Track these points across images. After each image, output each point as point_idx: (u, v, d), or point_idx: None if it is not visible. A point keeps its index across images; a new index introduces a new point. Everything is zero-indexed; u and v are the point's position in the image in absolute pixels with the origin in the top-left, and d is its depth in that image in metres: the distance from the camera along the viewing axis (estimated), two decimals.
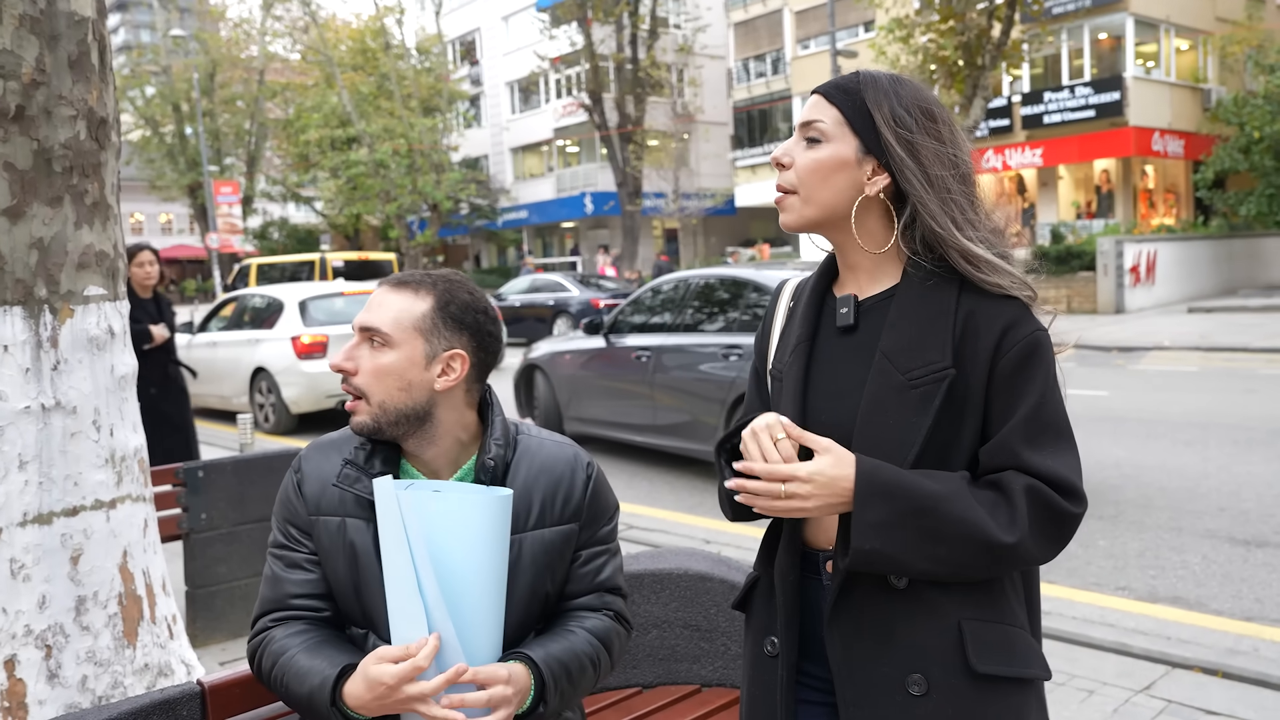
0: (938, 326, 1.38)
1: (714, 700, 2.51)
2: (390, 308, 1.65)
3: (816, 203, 1.44)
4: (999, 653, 1.39)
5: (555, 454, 1.75)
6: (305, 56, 37.27)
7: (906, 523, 1.32)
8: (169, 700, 1.83)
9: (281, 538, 1.73)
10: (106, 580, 2.69)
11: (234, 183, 35.68)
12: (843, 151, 1.42)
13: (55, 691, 2.58)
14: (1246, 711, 3.32)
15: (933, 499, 1.32)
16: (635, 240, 30.62)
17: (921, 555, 1.33)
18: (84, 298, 2.64)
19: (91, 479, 2.66)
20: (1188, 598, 4.63)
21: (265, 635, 1.68)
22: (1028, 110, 25.94)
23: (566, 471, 1.73)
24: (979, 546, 1.32)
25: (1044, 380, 1.37)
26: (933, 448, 1.37)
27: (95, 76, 2.65)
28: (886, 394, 1.39)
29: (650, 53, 30.16)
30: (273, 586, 1.72)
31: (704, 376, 7.07)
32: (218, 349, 11.44)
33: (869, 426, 1.39)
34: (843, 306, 1.49)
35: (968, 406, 1.38)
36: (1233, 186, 24.36)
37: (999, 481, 1.36)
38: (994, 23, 17.09)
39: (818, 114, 1.44)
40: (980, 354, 1.37)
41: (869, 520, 1.32)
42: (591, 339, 8.49)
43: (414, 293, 1.66)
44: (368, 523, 1.65)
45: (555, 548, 1.71)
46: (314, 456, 1.74)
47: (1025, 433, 1.36)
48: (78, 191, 2.61)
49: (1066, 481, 1.35)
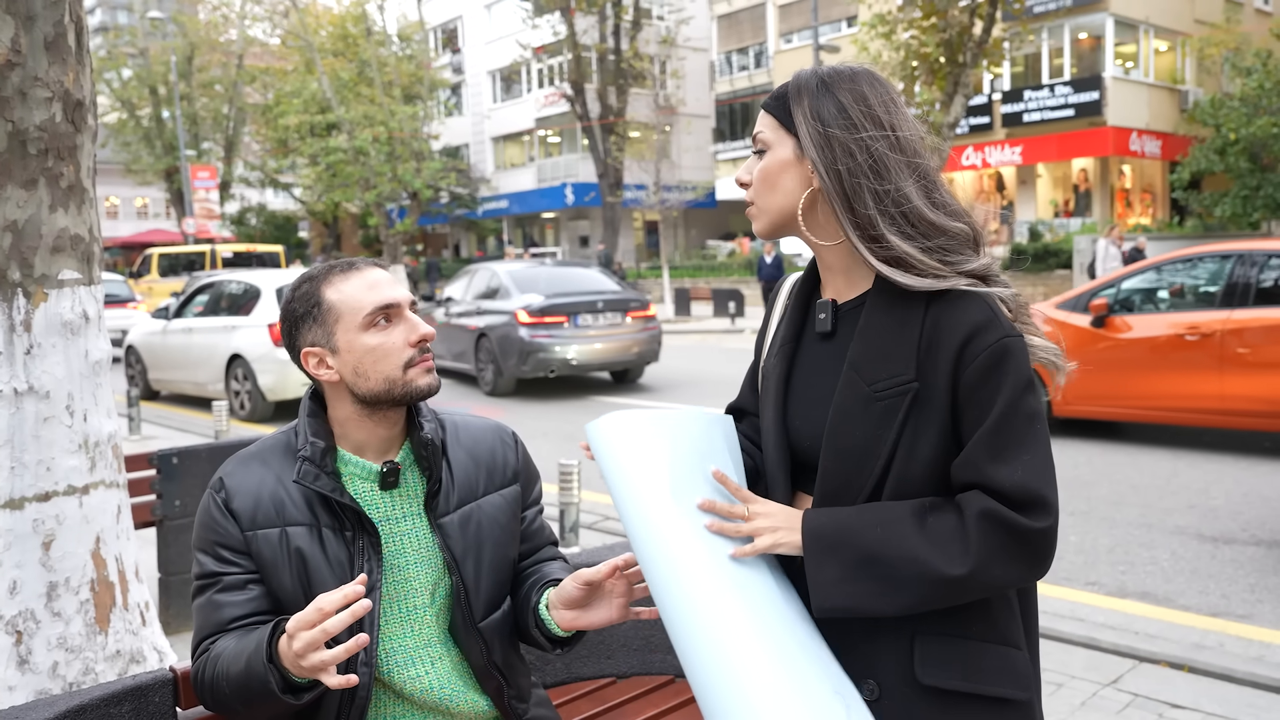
0: (903, 336, 1.36)
1: (687, 690, 2.52)
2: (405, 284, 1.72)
3: (769, 209, 1.47)
4: (953, 667, 1.36)
5: (481, 426, 1.86)
6: (285, 41, 36.95)
7: (859, 574, 1.31)
8: (141, 686, 1.83)
9: (212, 564, 1.66)
10: (78, 566, 2.67)
11: (211, 168, 35.39)
12: (782, 154, 1.44)
13: (25, 678, 2.56)
14: (1211, 705, 3.37)
15: (879, 544, 1.31)
16: (616, 232, 30.62)
17: (884, 601, 1.32)
18: (58, 281, 2.62)
19: (64, 464, 2.64)
20: (1156, 593, 4.69)
21: (207, 654, 1.63)
22: (1008, 108, 26.11)
23: (496, 441, 1.84)
24: (933, 583, 1.30)
25: (1011, 389, 1.31)
26: (899, 460, 1.35)
27: (72, 58, 2.63)
28: (853, 405, 1.37)
29: (633, 44, 30.14)
30: (208, 613, 1.65)
31: None
32: (193, 335, 11.36)
33: (835, 438, 1.39)
34: (821, 312, 1.49)
35: (933, 417, 1.34)
36: (1208, 187, 24.60)
37: (955, 503, 1.34)
38: (976, 20, 17.17)
39: (760, 126, 1.48)
40: (941, 365, 1.33)
41: (824, 579, 1.33)
42: None
43: None
44: (310, 527, 1.65)
45: (506, 510, 1.80)
46: (237, 472, 1.70)
47: (990, 446, 1.31)
48: (53, 174, 2.59)
49: (1032, 495, 1.30)
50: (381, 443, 1.72)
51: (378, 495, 1.71)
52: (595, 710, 2.41)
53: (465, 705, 1.72)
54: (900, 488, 1.35)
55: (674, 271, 29.22)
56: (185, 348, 11.43)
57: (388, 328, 1.66)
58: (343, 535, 1.66)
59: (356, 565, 1.65)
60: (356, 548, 1.66)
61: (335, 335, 1.67)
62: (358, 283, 1.67)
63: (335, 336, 1.67)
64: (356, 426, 1.71)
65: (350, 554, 1.65)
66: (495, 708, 1.74)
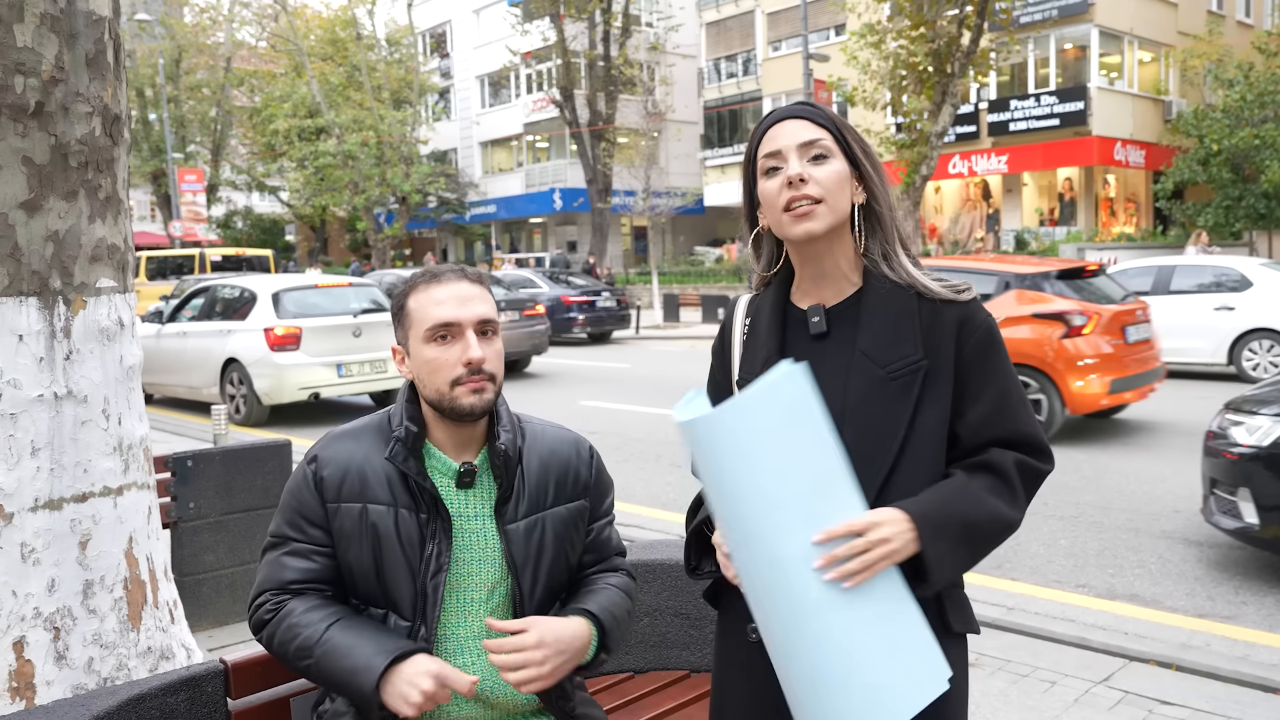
0: (906, 323, 1.57)
1: (702, 685, 2.63)
2: (488, 301, 1.79)
3: (838, 210, 1.59)
4: (963, 614, 1.60)
5: (558, 437, 1.92)
6: (274, 45, 36.94)
7: (962, 544, 1.51)
8: (195, 677, 1.93)
9: (288, 529, 1.80)
10: (113, 565, 2.75)
11: (198, 171, 35.32)
12: (844, 166, 1.60)
13: (62, 673, 2.64)
14: (1199, 702, 3.50)
15: (969, 515, 1.51)
16: (604, 238, 30.70)
17: (975, 559, 1.55)
18: (96, 290, 2.71)
19: (100, 466, 2.72)
20: (1144, 595, 4.82)
21: (280, 606, 1.76)
22: (994, 117, 26.33)
23: (572, 454, 1.91)
24: (1004, 530, 1.55)
25: (1004, 359, 1.60)
26: (915, 430, 1.54)
27: (110, 74, 2.72)
28: (869, 387, 1.55)
29: (622, 50, 30.25)
30: (272, 570, 1.80)
31: None
32: (187, 339, 11.39)
33: (857, 417, 1.54)
34: (814, 315, 1.63)
35: (941, 389, 1.56)
36: (1191, 197, 24.89)
37: (989, 463, 1.56)
38: (964, 31, 17.38)
39: (818, 133, 1.59)
40: (944, 343, 1.56)
41: (937, 555, 1.48)
42: None
43: (483, 285, 1.81)
44: (389, 506, 1.76)
45: (571, 523, 1.88)
46: (332, 446, 1.82)
47: (1007, 407, 1.58)
48: (92, 186, 2.68)
49: (1041, 443, 1.60)
50: (458, 444, 1.81)
51: (453, 491, 1.80)
52: (616, 703, 2.51)
53: (506, 698, 1.80)
54: (914, 455, 1.54)
55: (662, 278, 29.33)
56: (179, 351, 11.45)
57: (446, 344, 1.74)
58: (418, 517, 1.76)
59: (427, 547, 1.75)
60: (429, 531, 1.76)
61: (409, 340, 1.79)
62: (433, 295, 1.76)
63: (409, 342, 1.79)
64: (435, 424, 1.80)
65: (423, 536, 1.76)
66: (540, 701, 1.83)
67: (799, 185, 1.56)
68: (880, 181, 1.62)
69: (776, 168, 1.60)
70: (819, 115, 1.62)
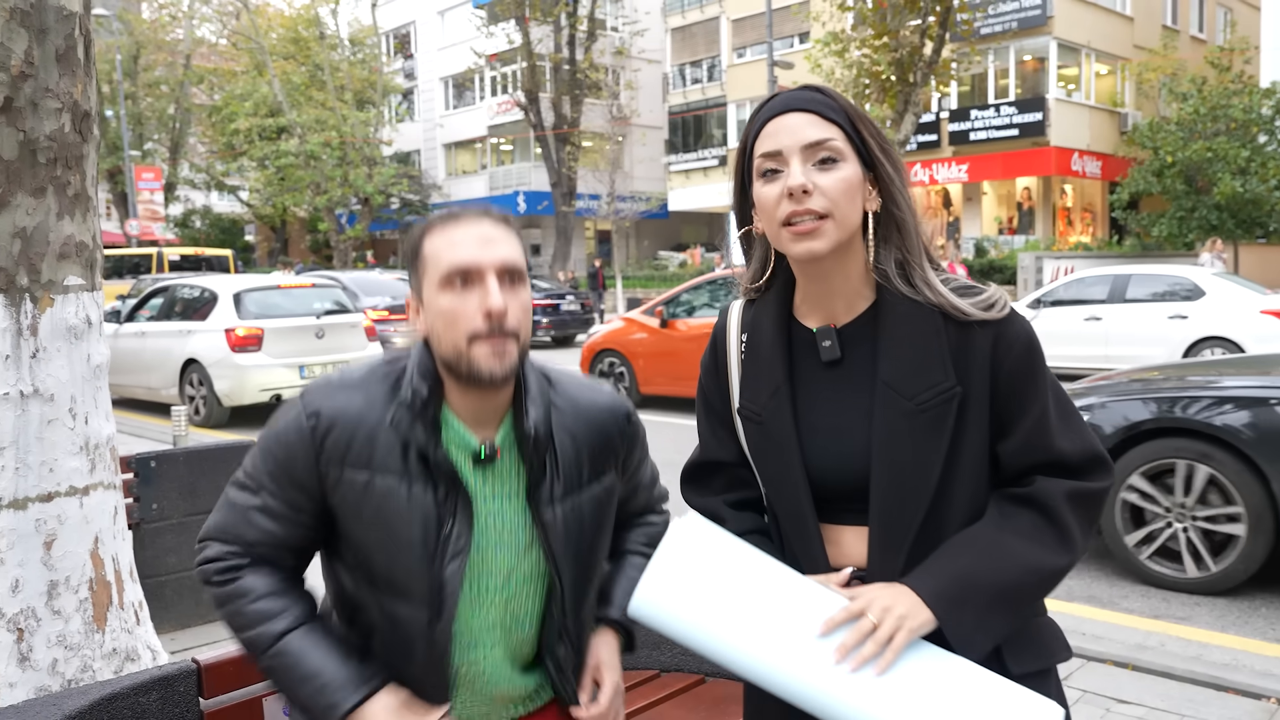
0: (932, 346, 1.34)
1: (672, 684, 2.62)
2: (513, 244, 1.52)
3: (849, 223, 1.35)
4: (1032, 649, 1.40)
5: (592, 404, 1.66)
6: (235, 43, 36.53)
7: (994, 610, 1.32)
8: (168, 676, 1.92)
9: (268, 480, 1.54)
10: (78, 566, 2.73)
11: (156, 169, 34.84)
12: (856, 170, 1.35)
13: (26, 674, 2.61)
14: (1154, 700, 3.58)
15: (995, 574, 1.32)
16: (568, 241, 30.69)
17: (1019, 618, 1.36)
18: (64, 287, 2.68)
19: (66, 466, 2.70)
20: (1101, 597, 4.91)
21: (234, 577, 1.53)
22: (955, 127, 26.71)
23: (608, 419, 1.66)
24: (1049, 579, 1.35)
25: (1044, 373, 1.37)
26: (951, 466, 1.35)
27: (80, 70, 2.70)
28: (898, 422, 1.34)
29: (588, 54, 30.27)
30: (233, 516, 1.56)
31: None
32: (146, 339, 11.24)
33: (887, 456, 1.35)
34: (824, 339, 1.41)
35: (976, 416, 1.36)
36: (1146, 208, 25.35)
37: (1034, 499, 1.36)
38: (926, 41, 17.59)
39: (826, 132, 1.34)
40: (979, 364, 1.34)
41: (965, 633, 1.31)
42: None
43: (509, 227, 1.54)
44: (400, 478, 1.50)
45: (605, 501, 1.67)
46: (336, 398, 1.53)
47: (1054, 425, 1.36)
48: (60, 183, 2.66)
49: (1094, 455, 1.38)
50: (479, 415, 1.54)
51: (470, 468, 1.55)
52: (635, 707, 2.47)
53: (507, 686, 1.66)
54: (953, 492, 1.36)
55: (626, 281, 29.38)
56: (138, 352, 11.30)
57: (464, 291, 1.46)
58: (434, 492, 1.51)
59: (444, 528, 1.51)
60: (447, 508, 1.51)
61: (423, 288, 1.51)
62: (450, 235, 1.49)
63: (423, 290, 1.52)
64: (452, 389, 1.53)
65: (439, 515, 1.51)
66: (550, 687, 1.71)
67: (801, 198, 1.32)
68: (902, 185, 1.37)
69: (776, 170, 1.34)
70: (829, 107, 1.35)
